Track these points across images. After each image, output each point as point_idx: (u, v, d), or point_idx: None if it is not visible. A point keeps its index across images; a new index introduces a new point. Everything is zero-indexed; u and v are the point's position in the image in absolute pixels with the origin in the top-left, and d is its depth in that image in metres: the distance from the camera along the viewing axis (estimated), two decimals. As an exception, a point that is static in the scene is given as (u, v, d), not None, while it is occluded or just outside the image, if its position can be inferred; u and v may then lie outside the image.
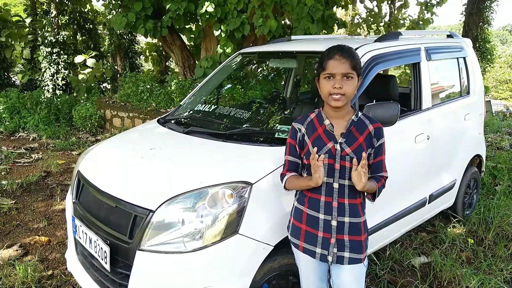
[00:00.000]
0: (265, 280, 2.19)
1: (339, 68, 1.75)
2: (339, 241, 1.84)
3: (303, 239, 1.91)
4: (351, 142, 1.82)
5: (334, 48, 1.81)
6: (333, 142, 1.83)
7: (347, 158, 1.81)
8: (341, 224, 1.83)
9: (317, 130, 1.87)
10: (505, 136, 8.06)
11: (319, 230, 1.86)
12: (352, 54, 1.79)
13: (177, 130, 2.86)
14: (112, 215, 2.22)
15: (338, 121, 1.86)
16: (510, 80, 37.25)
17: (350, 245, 1.85)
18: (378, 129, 1.88)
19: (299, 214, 1.93)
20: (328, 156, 1.82)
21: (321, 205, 1.84)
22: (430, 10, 10.79)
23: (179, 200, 2.03)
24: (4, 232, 3.81)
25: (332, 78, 1.78)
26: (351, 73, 1.77)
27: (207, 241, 1.97)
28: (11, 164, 5.97)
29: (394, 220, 3.02)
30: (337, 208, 1.83)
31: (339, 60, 1.76)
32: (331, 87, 1.77)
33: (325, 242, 1.85)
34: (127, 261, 2.07)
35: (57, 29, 12.38)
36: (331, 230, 1.84)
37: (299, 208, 1.93)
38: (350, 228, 1.84)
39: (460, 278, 3.02)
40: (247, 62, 4.21)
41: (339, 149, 1.81)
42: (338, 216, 1.83)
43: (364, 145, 1.83)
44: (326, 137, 1.84)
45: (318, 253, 1.87)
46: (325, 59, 1.80)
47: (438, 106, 3.45)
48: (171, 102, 7.51)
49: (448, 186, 3.65)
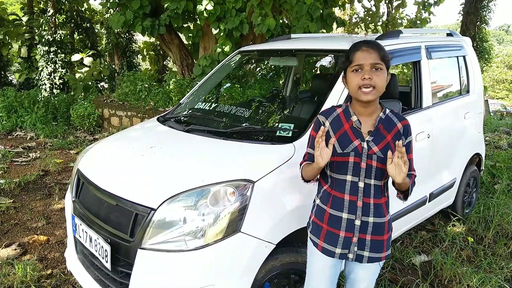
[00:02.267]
0: (267, 279, 2.18)
1: (368, 58, 1.69)
2: (361, 240, 1.80)
3: (323, 239, 1.85)
4: (379, 140, 1.76)
5: (361, 42, 1.76)
6: (360, 140, 1.76)
7: (374, 157, 1.75)
8: (365, 224, 1.79)
9: (343, 126, 1.80)
10: (503, 135, 8.09)
11: (341, 229, 1.81)
12: (379, 46, 1.74)
13: (177, 128, 2.84)
14: (112, 214, 2.21)
15: (366, 118, 1.79)
16: (507, 79, 37.40)
17: (371, 244, 1.80)
18: (406, 127, 1.81)
19: (321, 213, 1.88)
20: (354, 155, 1.76)
21: (345, 205, 1.79)
22: (428, 9, 10.80)
23: (180, 198, 2.02)
24: (2, 231, 3.78)
25: (360, 71, 1.70)
26: (380, 64, 1.70)
27: (209, 239, 1.96)
28: (9, 163, 5.93)
29: (395, 218, 3.01)
30: (361, 207, 1.78)
31: (366, 51, 1.70)
32: (360, 79, 1.69)
33: (346, 241, 1.81)
34: (128, 259, 2.06)
35: (55, 27, 12.32)
36: (354, 229, 1.79)
37: (322, 207, 1.87)
38: (374, 228, 1.79)
39: (461, 276, 3.02)
40: (247, 61, 4.20)
41: (366, 148, 1.75)
42: (362, 216, 1.78)
43: (392, 144, 1.76)
44: (353, 134, 1.78)
45: (337, 253, 1.83)
46: (352, 52, 1.74)
47: (438, 105, 3.44)
48: (170, 101, 7.49)
49: (448, 185, 3.65)
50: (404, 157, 1.62)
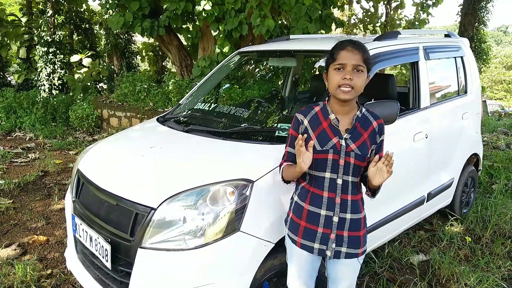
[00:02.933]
0: (266, 278, 2.20)
1: (351, 59, 1.73)
2: (338, 237, 1.85)
3: (301, 236, 1.90)
4: (356, 138, 1.81)
5: (347, 41, 1.79)
6: (338, 138, 1.81)
7: (351, 154, 1.79)
8: (343, 220, 1.84)
9: (322, 124, 1.85)
10: (501, 136, 8.12)
11: (319, 226, 1.85)
12: (364, 47, 1.77)
13: (177, 128, 2.86)
14: (112, 213, 2.22)
15: (343, 116, 1.84)
16: (505, 80, 37.52)
17: (348, 240, 1.85)
18: (381, 125, 1.88)
19: (299, 210, 1.91)
20: (333, 152, 1.80)
21: (324, 201, 1.83)
22: (426, 10, 10.84)
23: (180, 198, 2.04)
24: (2, 232, 3.79)
25: (342, 70, 1.74)
26: (361, 66, 1.74)
27: (208, 238, 1.97)
28: (8, 163, 5.94)
29: (393, 218, 3.04)
30: (339, 204, 1.83)
31: (351, 51, 1.74)
32: (341, 78, 1.73)
33: (324, 237, 1.85)
34: (128, 259, 2.07)
35: (54, 28, 12.34)
36: (332, 226, 1.84)
37: (300, 204, 1.91)
38: (351, 224, 1.85)
39: (458, 275, 3.04)
40: (246, 61, 4.22)
41: (344, 145, 1.80)
42: (340, 213, 1.83)
43: (368, 141, 1.83)
44: (331, 132, 1.83)
45: (316, 248, 1.87)
46: (337, 50, 1.77)
47: (436, 105, 3.47)
48: (169, 102, 7.50)
49: (446, 185, 3.68)
50: (390, 169, 1.67)
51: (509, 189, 4.88)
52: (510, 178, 5.16)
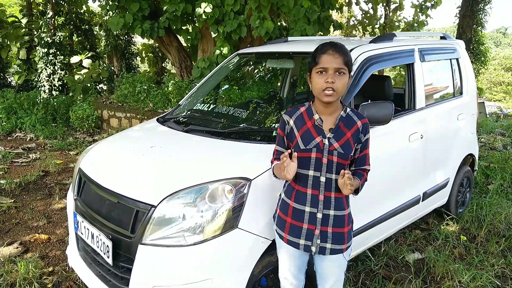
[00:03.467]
0: (264, 274, 2.25)
1: (332, 63, 1.79)
2: (323, 233, 1.91)
3: (287, 232, 1.97)
4: (339, 137, 1.88)
5: (328, 44, 1.85)
6: (321, 137, 1.88)
7: (334, 153, 1.86)
8: (326, 216, 1.90)
9: (306, 124, 1.92)
10: (498, 137, 8.18)
11: (304, 222, 1.92)
12: (345, 50, 1.83)
13: (176, 128, 2.92)
14: (114, 211, 2.28)
15: (327, 116, 1.91)
16: (504, 82, 37.59)
17: (332, 236, 1.92)
18: (365, 125, 1.94)
19: (285, 207, 1.99)
20: (316, 150, 1.87)
21: (308, 198, 1.90)
22: (425, 12, 10.93)
23: (180, 196, 2.09)
24: (4, 230, 3.85)
25: (324, 73, 1.81)
26: (343, 69, 1.80)
27: (207, 235, 2.03)
28: (9, 164, 6.00)
29: (389, 216, 3.10)
30: (323, 201, 1.89)
31: (332, 55, 1.80)
32: (324, 81, 1.80)
33: (309, 233, 1.92)
34: (129, 255, 2.13)
35: (54, 30, 12.39)
36: (316, 222, 1.90)
37: (286, 201, 1.99)
38: (335, 220, 1.91)
39: (453, 273, 3.10)
40: (245, 63, 4.28)
41: (327, 144, 1.87)
42: (324, 209, 1.90)
43: (351, 140, 1.89)
44: (315, 131, 1.89)
45: (301, 244, 1.94)
46: (318, 54, 1.83)
47: (431, 106, 3.53)
48: (168, 103, 7.56)
49: (441, 184, 3.73)
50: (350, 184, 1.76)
51: (504, 189, 4.94)
52: (505, 179, 5.22)
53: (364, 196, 2.12)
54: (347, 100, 2.63)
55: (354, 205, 2.27)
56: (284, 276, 2.08)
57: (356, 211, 2.55)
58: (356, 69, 2.75)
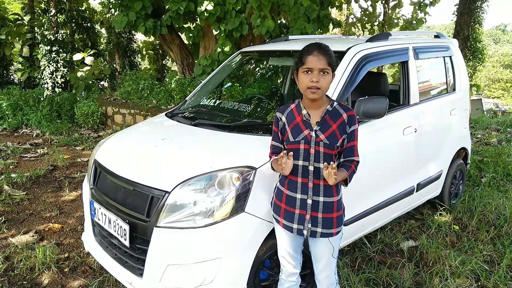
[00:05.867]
0: (267, 256, 2.45)
1: (317, 63, 1.96)
2: (313, 218, 2.10)
3: (282, 216, 2.17)
4: (325, 129, 2.06)
5: (313, 45, 2.03)
6: (309, 130, 2.06)
7: (320, 144, 2.04)
8: (316, 203, 2.09)
9: (296, 119, 2.11)
10: (493, 133, 8.38)
11: (295, 208, 2.11)
12: (329, 51, 2.02)
13: (185, 122, 3.11)
14: (130, 197, 2.48)
15: (315, 111, 2.08)
16: (502, 79, 37.76)
17: (322, 221, 2.10)
18: (351, 117, 2.10)
19: (280, 194, 2.18)
20: (304, 142, 2.06)
21: (298, 186, 2.10)
22: (423, 10, 11.08)
23: (191, 183, 2.29)
24: (19, 220, 4.04)
25: (310, 73, 1.98)
26: (327, 69, 1.98)
27: (216, 218, 2.23)
28: (18, 158, 6.19)
29: (385, 205, 3.29)
30: (312, 188, 2.08)
31: (317, 56, 1.98)
32: (309, 81, 1.97)
33: (301, 218, 2.11)
34: (145, 237, 2.32)
35: (56, 27, 12.56)
36: (307, 207, 2.10)
37: (280, 189, 2.19)
38: (324, 206, 2.09)
39: (444, 258, 3.30)
40: (247, 61, 4.46)
41: (314, 136, 2.05)
42: (313, 196, 2.09)
43: (337, 131, 2.06)
44: (303, 125, 2.08)
45: (294, 228, 2.13)
46: (305, 55, 2.01)
47: (425, 102, 3.72)
48: (171, 99, 7.74)
49: (435, 176, 3.93)
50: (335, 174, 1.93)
51: (496, 182, 5.14)
52: (498, 172, 5.42)
53: (360, 185, 2.30)
54: (344, 96, 2.83)
55: (351, 193, 2.47)
56: (282, 255, 2.28)
57: (353, 200, 2.76)
58: (353, 66, 2.94)
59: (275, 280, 2.47)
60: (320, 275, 2.27)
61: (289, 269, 2.28)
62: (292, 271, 2.28)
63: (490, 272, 3.20)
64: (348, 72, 2.89)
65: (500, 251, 3.51)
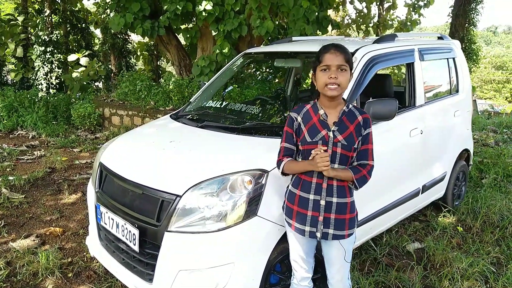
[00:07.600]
0: (278, 260, 2.41)
1: (334, 60, 1.97)
2: (326, 219, 2.07)
3: (295, 219, 2.13)
4: (343, 130, 2.04)
5: (330, 44, 2.04)
6: (326, 130, 2.04)
7: (338, 145, 2.02)
8: (329, 204, 2.06)
9: (312, 119, 2.09)
10: (490, 134, 8.42)
11: (308, 209, 2.08)
12: (345, 49, 2.02)
13: (191, 124, 3.07)
14: (139, 201, 2.43)
15: (331, 111, 2.07)
16: (494, 80, 38.12)
17: (334, 222, 2.07)
18: (366, 120, 2.09)
19: (292, 197, 2.14)
20: (322, 143, 2.03)
21: (312, 186, 2.06)
22: (418, 11, 11.15)
23: (203, 186, 2.25)
24: (19, 224, 3.97)
25: (327, 70, 1.98)
26: (345, 65, 1.98)
27: (229, 222, 2.19)
28: (15, 161, 6.09)
29: (391, 208, 3.28)
30: (326, 189, 2.05)
31: (334, 53, 1.98)
32: (327, 78, 1.97)
33: (313, 220, 2.08)
34: (155, 242, 2.28)
35: (51, 28, 12.43)
36: (320, 209, 2.06)
37: (293, 191, 2.14)
38: (337, 207, 2.06)
39: (451, 260, 3.29)
40: (251, 62, 4.43)
41: (332, 136, 2.03)
42: (327, 197, 2.05)
43: (354, 133, 2.05)
44: (320, 125, 2.06)
45: (307, 231, 2.09)
46: (322, 53, 2.02)
47: (430, 103, 3.71)
48: (169, 101, 7.68)
49: (439, 178, 3.93)
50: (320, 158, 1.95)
51: (497, 183, 5.15)
52: (498, 173, 5.44)
53: (368, 187, 2.26)
54: (353, 97, 2.80)
55: (359, 196, 2.43)
56: (295, 259, 2.25)
57: (362, 202, 2.73)
58: (362, 67, 2.92)
59: (286, 284, 2.44)
60: (333, 279, 2.24)
61: (301, 274, 2.25)
62: (304, 275, 2.25)
63: (498, 274, 3.19)
64: (357, 73, 2.87)
65: (506, 252, 3.51)
